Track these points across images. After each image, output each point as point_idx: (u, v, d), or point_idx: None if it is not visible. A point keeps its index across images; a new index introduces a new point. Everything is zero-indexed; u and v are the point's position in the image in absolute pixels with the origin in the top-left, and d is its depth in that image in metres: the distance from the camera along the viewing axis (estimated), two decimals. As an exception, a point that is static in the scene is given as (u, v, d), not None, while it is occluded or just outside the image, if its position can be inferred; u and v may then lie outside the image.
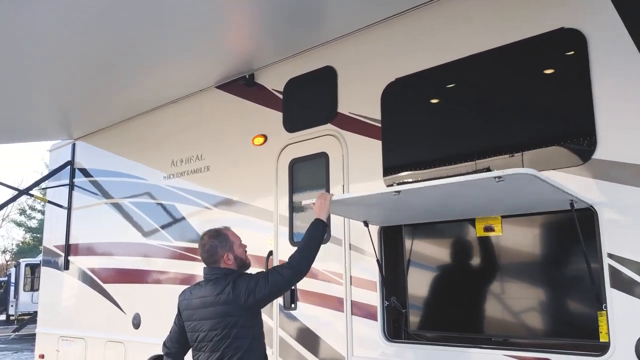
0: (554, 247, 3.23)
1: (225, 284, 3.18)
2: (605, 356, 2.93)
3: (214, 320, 3.14)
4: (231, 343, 3.10)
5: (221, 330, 3.11)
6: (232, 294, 3.12)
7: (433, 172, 3.74)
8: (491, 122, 3.57)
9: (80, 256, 6.76)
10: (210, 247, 3.35)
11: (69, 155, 7.20)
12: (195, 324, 3.23)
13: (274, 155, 4.75)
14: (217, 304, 3.15)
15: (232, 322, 3.11)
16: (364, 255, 4.01)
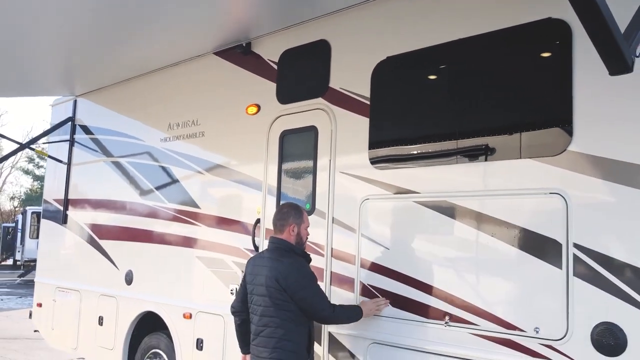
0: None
1: (283, 262, 3.60)
2: (562, 341, 3.05)
3: (264, 290, 3.57)
4: (275, 315, 3.53)
5: (269, 300, 3.54)
6: (281, 276, 3.53)
7: (415, 148, 3.84)
8: (474, 105, 3.63)
9: (78, 211, 6.93)
10: (286, 212, 3.79)
11: (70, 111, 7.30)
12: (252, 287, 3.68)
13: (266, 126, 4.82)
14: (269, 277, 3.55)
15: (276, 299, 3.53)
16: (346, 229, 4.12)
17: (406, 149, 3.91)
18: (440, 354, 3.52)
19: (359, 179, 4.10)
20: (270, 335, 3.54)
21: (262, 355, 3.56)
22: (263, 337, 3.57)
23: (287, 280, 3.51)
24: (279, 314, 3.53)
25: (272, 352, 3.52)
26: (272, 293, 3.52)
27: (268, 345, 3.54)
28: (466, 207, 3.51)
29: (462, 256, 3.52)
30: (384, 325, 3.82)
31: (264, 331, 3.57)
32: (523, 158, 3.32)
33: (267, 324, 3.55)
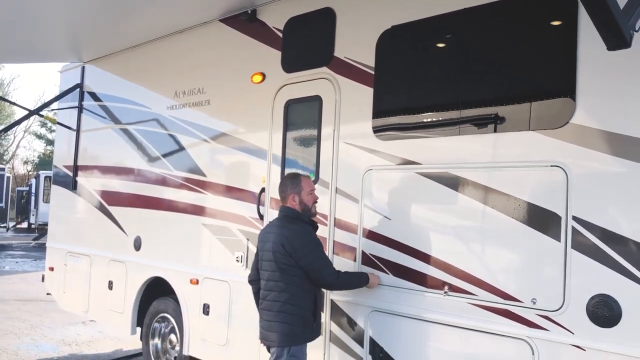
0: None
1: (289, 228, 3.74)
2: (560, 311, 3.10)
3: (271, 255, 3.72)
4: (280, 280, 3.68)
5: (274, 265, 3.69)
6: (287, 241, 3.66)
7: (418, 120, 3.84)
8: (477, 77, 3.61)
9: (87, 177, 7.02)
10: (283, 184, 3.95)
11: (79, 78, 7.31)
12: (262, 254, 3.84)
13: (271, 95, 4.82)
14: (275, 243, 3.69)
15: (282, 264, 3.67)
16: (349, 199, 4.16)
17: (409, 120, 3.90)
18: (439, 322, 3.59)
19: (362, 149, 4.11)
20: (275, 299, 3.67)
21: (267, 318, 3.71)
22: (268, 302, 3.71)
23: (293, 246, 3.63)
24: (284, 279, 3.65)
25: (277, 315, 3.64)
26: (278, 258, 3.65)
27: (273, 308, 3.67)
28: (467, 178, 3.52)
29: (463, 227, 3.55)
30: (385, 294, 3.88)
31: (269, 295, 3.71)
32: (526, 130, 3.32)
33: (272, 289, 3.69)
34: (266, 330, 3.73)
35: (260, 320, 3.79)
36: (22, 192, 31.44)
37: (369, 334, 3.96)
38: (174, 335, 5.84)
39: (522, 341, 3.22)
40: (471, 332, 3.43)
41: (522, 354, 3.21)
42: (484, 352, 3.38)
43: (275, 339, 3.66)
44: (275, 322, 3.65)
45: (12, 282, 13.26)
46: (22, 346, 7.49)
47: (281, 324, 3.65)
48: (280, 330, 3.64)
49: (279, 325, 3.64)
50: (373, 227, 3.99)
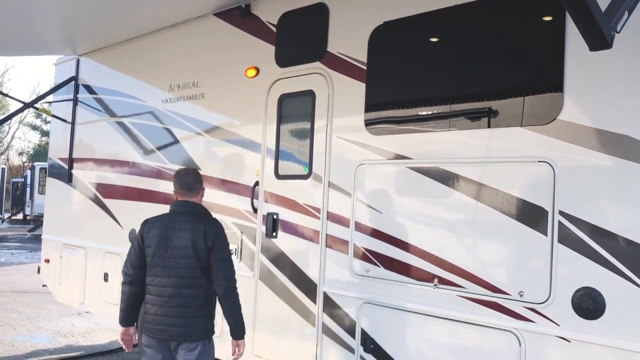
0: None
1: (209, 222, 3.60)
2: (546, 304, 3.17)
3: (189, 252, 3.50)
4: (202, 275, 3.52)
5: (195, 262, 3.50)
6: (211, 234, 3.51)
7: (409, 115, 3.89)
8: (467, 73, 3.66)
9: (82, 170, 7.04)
10: (196, 175, 3.80)
11: (74, 70, 7.33)
12: (162, 251, 3.52)
13: (264, 89, 4.86)
14: (195, 239, 3.50)
15: (201, 261, 3.50)
16: (341, 192, 4.21)
17: (400, 115, 3.96)
18: (429, 314, 3.65)
19: (354, 143, 4.16)
20: (195, 295, 3.50)
21: (184, 315, 3.48)
22: (186, 298, 3.49)
23: (215, 240, 3.51)
24: (205, 275, 3.53)
25: (198, 310, 3.51)
26: (200, 254, 3.49)
27: (192, 305, 3.49)
28: (458, 173, 3.58)
29: (452, 221, 3.61)
30: (376, 286, 3.95)
31: (185, 292, 3.49)
32: (514, 126, 3.38)
33: (191, 285, 3.49)
34: (182, 327, 3.47)
35: (162, 315, 3.48)
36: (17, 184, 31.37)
37: (361, 325, 4.02)
38: (169, 326, 5.89)
39: (510, 333, 3.29)
40: (460, 324, 3.51)
41: (509, 345, 3.28)
42: (473, 344, 3.45)
43: (198, 334, 3.51)
44: (196, 317, 3.50)
45: (7, 274, 13.30)
46: (18, 337, 7.54)
47: (203, 319, 3.53)
48: (203, 325, 3.53)
49: (201, 320, 3.52)
50: (365, 220, 4.05)
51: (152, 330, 3.52)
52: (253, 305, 4.78)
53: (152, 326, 3.52)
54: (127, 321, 3.64)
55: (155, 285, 3.52)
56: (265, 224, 4.74)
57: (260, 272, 4.76)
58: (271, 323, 4.65)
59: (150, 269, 3.56)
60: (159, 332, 3.51)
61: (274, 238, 4.68)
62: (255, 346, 4.74)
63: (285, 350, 4.52)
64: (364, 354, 3.98)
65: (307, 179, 4.46)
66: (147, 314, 3.54)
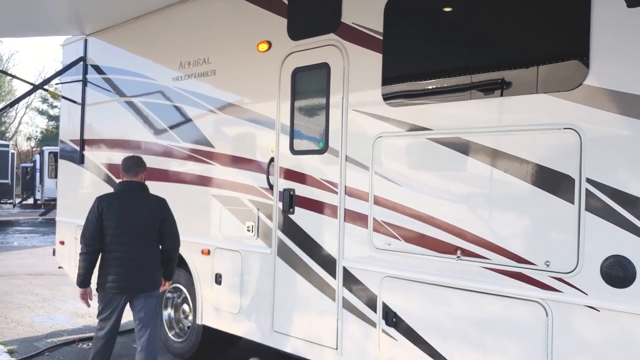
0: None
1: (158, 198, 4.59)
2: (573, 273, 3.12)
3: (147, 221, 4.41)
4: (152, 240, 4.45)
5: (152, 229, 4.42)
6: (163, 208, 4.53)
7: (428, 85, 3.80)
8: (488, 39, 3.56)
9: (94, 151, 7.02)
10: (138, 160, 4.69)
11: (82, 51, 7.26)
12: (119, 223, 4.33)
13: (277, 63, 4.78)
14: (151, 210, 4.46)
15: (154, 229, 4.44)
16: (359, 166, 4.15)
17: (419, 86, 3.87)
18: (452, 286, 3.61)
19: (371, 116, 4.09)
20: (149, 255, 4.43)
21: (143, 270, 4.38)
22: (142, 258, 4.38)
23: (168, 212, 4.54)
24: (155, 239, 4.45)
25: (152, 267, 4.44)
26: (154, 222, 4.43)
27: (146, 263, 4.41)
28: (480, 143, 3.51)
29: (475, 192, 3.55)
30: (397, 260, 3.91)
31: (141, 253, 4.37)
32: (538, 93, 3.29)
33: (145, 248, 4.40)
34: (142, 281, 4.39)
35: (127, 275, 4.32)
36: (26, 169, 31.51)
37: (382, 299, 3.99)
38: (186, 305, 5.91)
39: (536, 303, 3.24)
40: (485, 296, 3.46)
41: (536, 316, 3.24)
42: (498, 315, 3.41)
43: (156, 285, 4.50)
44: (154, 272, 4.46)
45: (22, 257, 13.40)
46: (37, 319, 7.60)
47: (158, 273, 4.52)
48: (156, 278, 4.50)
49: (157, 274, 4.49)
50: (384, 194, 4.00)
51: (115, 287, 4.32)
52: (271, 281, 4.77)
53: (116, 284, 4.32)
54: (86, 283, 4.44)
55: (118, 251, 4.33)
56: (281, 200, 4.70)
57: (278, 249, 4.74)
58: (290, 299, 4.64)
59: (112, 238, 4.33)
60: (122, 289, 4.33)
61: (290, 214, 4.64)
62: (275, 322, 4.74)
63: (305, 326, 4.51)
64: (386, 327, 3.96)
65: (323, 153, 4.40)
66: (110, 275, 4.32)
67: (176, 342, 5.94)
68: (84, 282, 4.41)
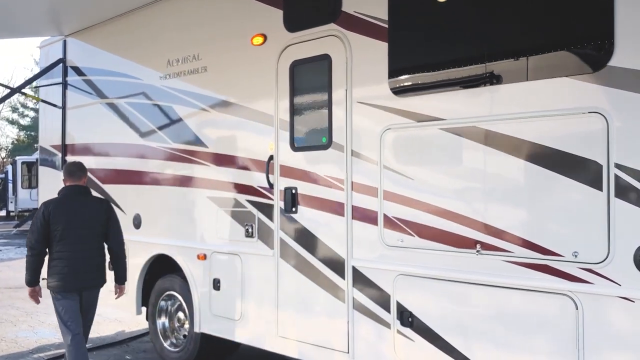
0: (560, 156, 3.17)
1: (102, 205, 4.82)
2: (604, 263, 2.98)
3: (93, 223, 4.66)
4: (100, 239, 4.73)
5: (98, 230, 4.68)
6: (108, 210, 4.79)
7: (441, 75, 3.63)
8: (505, 20, 3.41)
9: (77, 156, 6.71)
10: (80, 166, 4.88)
11: (61, 52, 6.95)
12: (66, 224, 4.51)
13: (274, 57, 4.58)
14: (98, 211, 4.71)
15: (101, 229, 4.71)
16: (366, 161, 3.98)
17: (430, 74, 3.70)
18: (472, 282, 3.46)
19: (378, 108, 3.92)
20: (97, 254, 4.71)
21: (92, 269, 4.67)
22: (93, 256, 4.66)
23: (111, 212, 4.81)
24: (102, 238, 4.73)
25: (100, 265, 4.73)
26: (101, 223, 4.70)
27: (94, 261, 4.68)
28: (498, 131, 3.36)
29: (494, 183, 3.39)
30: (411, 257, 3.74)
31: (89, 252, 4.63)
32: (559, 76, 3.15)
33: (93, 247, 4.65)
34: (90, 278, 4.67)
35: (77, 274, 4.57)
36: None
37: (396, 298, 3.82)
38: (181, 313, 5.67)
39: (564, 296, 3.10)
40: (508, 291, 3.31)
41: (564, 309, 3.10)
42: (523, 310, 3.26)
43: (99, 281, 4.78)
44: (101, 270, 4.75)
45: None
46: (21, 333, 7.26)
47: (104, 270, 4.81)
48: (102, 275, 4.79)
49: (103, 271, 4.78)
50: (395, 188, 3.83)
51: (65, 285, 4.56)
52: (275, 284, 4.56)
53: (66, 283, 4.56)
54: (35, 282, 4.66)
55: (67, 252, 4.54)
56: (283, 199, 4.50)
57: (281, 250, 4.53)
58: (295, 302, 4.44)
59: (61, 240, 4.52)
60: (72, 286, 4.59)
61: (293, 213, 4.44)
62: (279, 327, 4.53)
63: (313, 329, 4.31)
64: (401, 327, 3.79)
65: (327, 149, 4.22)
66: (59, 274, 4.55)
67: (172, 353, 5.69)
68: (32, 282, 4.65)
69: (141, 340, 6.92)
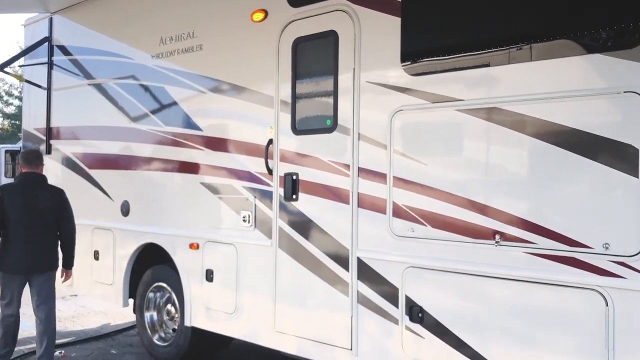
0: (590, 140, 2.93)
1: (57, 194, 4.99)
2: (637, 257, 2.74)
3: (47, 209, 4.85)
4: (54, 224, 4.91)
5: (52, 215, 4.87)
6: (62, 197, 4.99)
7: (459, 52, 3.36)
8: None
9: (63, 140, 6.39)
10: (37, 153, 5.12)
11: (46, 31, 6.60)
12: (22, 209, 4.72)
13: (275, 34, 4.30)
14: (53, 199, 4.91)
15: (56, 215, 4.91)
16: (375, 145, 3.71)
17: (448, 51, 3.43)
18: (490, 276, 3.21)
19: (389, 88, 3.65)
20: (50, 239, 4.90)
21: (44, 253, 4.84)
22: (44, 241, 4.84)
23: (65, 201, 4.98)
24: (55, 224, 4.90)
25: (52, 249, 4.91)
26: (54, 210, 4.87)
27: (47, 245, 4.87)
28: (521, 113, 3.11)
29: (517, 168, 3.14)
30: (423, 248, 3.49)
31: (42, 237, 4.81)
32: (590, 53, 2.90)
33: (46, 233, 4.84)
34: (42, 262, 4.83)
35: (28, 257, 4.74)
36: (-19, 168, 29.99)
37: (405, 292, 3.57)
38: (171, 305, 5.38)
39: (593, 291, 2.86)
40: (530, 285, 3.07)
41: (593, 305, 2.86)
42: (546, 307, 3.01)
43: (51, 265, 4.93)
44: (53, 255, 4.93)
45: (-20, 260, 12.49)
46: (0, 326, 6.90)
47: (56, 256, 4.97)
48: (56, 259, 4.98)
49: (55, 257, 4.95)
50: (406, 174, 3.56)
51: (17, 268, 4.73)
52: (272, 276, 4.29)
53: (18, 265, 4.72)
54: None
55: (20, 235, 4.70)
56: (283, 185, 4.23)
57: (280, 240, 4.26)
58: (294, 295, 4.17)
59: (14, 223, 4.70)
60: (23, 269, 4.75)
61: (294, 201, 4.17)
62: (276, 322, 4.26)
63: (313, 324, 4.05)
64: (410, 324, 3.53)
65: (331, 132, 3.95)
66: (12, 257, 4.71)
67: (161, 347, 5.40)
68: None
69: (127, 333, 6.62)
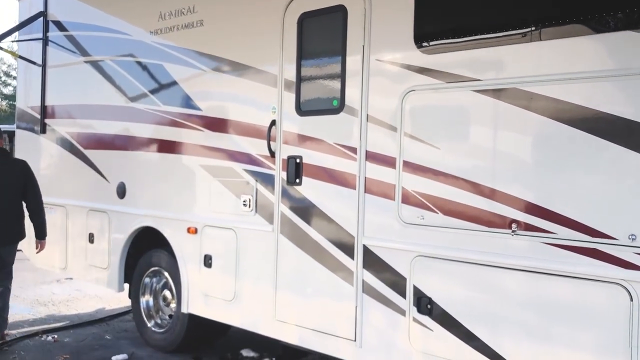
0: (616, 124, 2.74)
1: (19, 165, 5.35)
2: (663, 249, 2.57)
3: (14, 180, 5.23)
4: (19, 196, 5.30)
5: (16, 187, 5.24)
6: (26, 168, 5.35)
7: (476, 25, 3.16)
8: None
9: (57, 119, 6.19)
10: None
11: (41, 5, 6.37)
12: (2, 181, 5.15)
13: (279, 9, 4.09)
14: (18, 170, 5.30)
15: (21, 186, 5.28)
16: (384, 127, 3.52)
17: (465, 26, 3.23)
18: (506, 266, 3.03)
19: (401, 66, 3.46)
20: (16, 211, 5.27)
21: (11, 224, 5.22)
22: (9, 213, 5.20)
23: (30, 172, 5.34)
24: (18, 200, 5.27)
25: (17, 220, 5.29)
26: (19, 181, 5.23)
27: (13, 217, 5.24)
28: (542, 94, 2.91)
29: (536, 153, 2.96)
30: (433, 236, 3.31)
31: (8, 209, 5.17)
32: (618, 30, 2.70)
33: (12, 205, 5.21)
34: (11, 233, 5.25)
35: None
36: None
37: (413, 283, 3.40)
38: (168, 291, 5.22)
39: (617, 285, 2.69)
40: (548, 277, 2.89)
41: (616, 300, 2.69)
42: (565, 300, 2.84)
43: (20, 236, 5.36)
44: (19, 226, 5.33)
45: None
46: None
47: (22, 227, 5.37)
48: (19, 230, 5.35)
49: (21, 227, 5.34)
50: (416, 159, 3.38)
51: None
52: (273, 263, 4.12)
53: None
54: None
55: None
56: (286, 169, 4.04)
57: (282, 225, 4.08)
58: (296, 283, 4.00)
59: None
60: None
61: (297, 185, 3.99)
62: (277, 310, 4.10)
63: (316, 314, 3.88)
64: (419, 315, 3.37)
65: (338, 113, 3.76)
66: None
67: (156, 334, 5.25)
68: None
69: (122, 319, 6.46)
